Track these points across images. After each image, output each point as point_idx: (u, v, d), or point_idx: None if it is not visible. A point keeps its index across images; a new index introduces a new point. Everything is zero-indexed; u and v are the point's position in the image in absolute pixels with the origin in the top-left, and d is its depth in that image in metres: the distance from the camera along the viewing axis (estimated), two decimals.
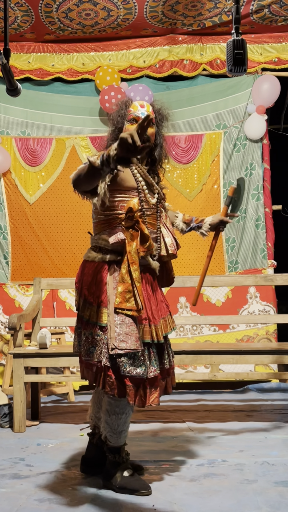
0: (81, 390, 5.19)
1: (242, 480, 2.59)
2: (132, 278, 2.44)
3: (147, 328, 2.48)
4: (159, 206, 2.68)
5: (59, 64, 5.77)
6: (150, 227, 2.59)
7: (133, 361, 2.40)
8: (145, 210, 2.57)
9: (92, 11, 5.25)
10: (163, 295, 2.72)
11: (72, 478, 2.68)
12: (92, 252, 2.60)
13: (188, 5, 5.20)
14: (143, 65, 5.76)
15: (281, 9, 5.26)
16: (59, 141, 5.82)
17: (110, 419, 2.52)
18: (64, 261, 5.68)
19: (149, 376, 2.42)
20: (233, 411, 4.23)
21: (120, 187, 2.54)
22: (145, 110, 2.69)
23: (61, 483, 2.61)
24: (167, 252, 2.64)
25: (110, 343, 2.39)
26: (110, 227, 2.56)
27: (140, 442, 3.33)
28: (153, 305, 2.56)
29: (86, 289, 2.53)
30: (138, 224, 2.49)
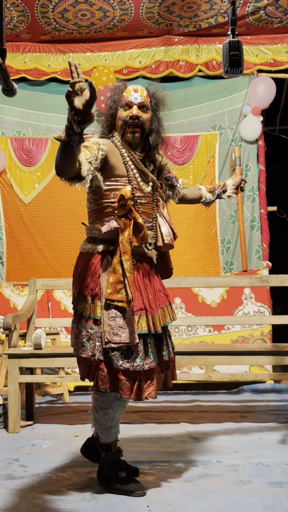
0: (75, 391, 5.18)
1: (236, 481, 2.59)
2: (123, 268, 2.37)
3: (143, 319, 2.42)
4: (155, 194, 2.60)
5: (54, 64, 5.77)
6: (145, 216, 2.52)
7: (126, 354, 2.36)
8: (138, 199, 2.50)
9: (88, 11, 5.25)
10: (162, 284, 2.63)
11: (66, 479, 2.68)
12: (86, 243, 2.55)
13: (184, 7, 5.21)
14: (139, 66, 5.76)
15: (276, 11, 5.27)
16: (54, 141, 5.80)
17: (98, 415, 2.50)
18: (59, 261, 5.68)
19: (144, 368, 2.36)
20: (228, 412, 4.24)
21: (111, 175, 2.47)
22: (138, 94, 2.57)
23: (56, 484, 2.61)
24: (163, 242, 2.56)
25: (104, 337, 2.35)
26: (103, 216, 2.50)
27: (134, 443, 3.33)
28: (150, 294, 2.50)
29: (80, 282, 2.48)
30: (131, 213, 2.42)
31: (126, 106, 2.55)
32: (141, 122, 2.54)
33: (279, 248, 6.07)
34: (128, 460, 2.91)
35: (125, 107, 2.56)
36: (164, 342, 2.53)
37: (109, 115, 2.62)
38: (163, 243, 2.56)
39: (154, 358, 2.43)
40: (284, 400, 4.70)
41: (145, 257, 2.54)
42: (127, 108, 2.55)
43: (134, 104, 2.54)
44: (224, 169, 5.71)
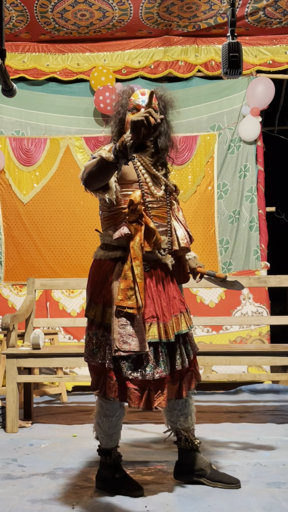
0: (74, 391, 5.18)
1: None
2: (134, 274, 2.33)
3: (154, 327, 2.36)
4: (169, 198, 2.55)
5: (54, 64, 5.77)
6: (158, 220, 2.46)
7: (136, 363, 2.31)
8: (149, 203, 2.45)
9: (88, 11, 5.25)
10: (178, 291, 2.54)
11: (64, 479, 2.68)
12: (99, 250, 2.54)
13: (183, 7, 5.21)
14: (138, 66, 5.76)
15: (276, 11, 5.28)
16: (53, 141, 5.81)
17: (101, 421, 2.50)
18: (58, 261, 5.68)
19: (154, 377, 2.31)
20: (226, 412, 4.24)
21: (122, 181, 2.44)
22: (146, 97, 2.52)
23: (54, 484, 2.61)
24: (179, 245, 2.49)
25: (113, 345, 2.31)
26: (115, 222, 2.45)
27: (132, 443, 3.33)
28: (164, 301, 2.43)
29: (92, 288, 2.46)
30: (142, 218, 2.38)
31: (134, 110, 2.52)
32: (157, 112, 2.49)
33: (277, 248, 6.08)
34: (126, 461, 2.92)
35: (133, 111, 2.52)
36: (177, 351, 2.44)
37: (118, 120, 2.58)
38: (179, 246, 2.50)
39: (166, 367, 2.36)
40: (282, 400, 4.71)
41: (159, 263, 2.48)
42: (135, 111, 2.51)
43: (142, 107, 2.49)
44: (222, 170, 5.72)
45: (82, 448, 3.22)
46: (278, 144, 6.76)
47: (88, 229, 5.69)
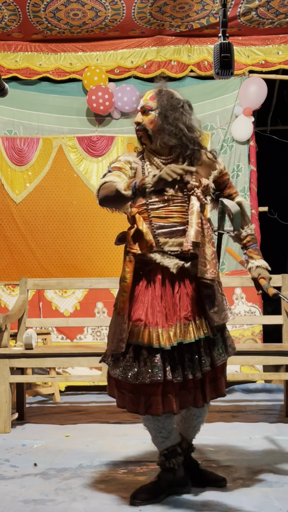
0: (66, 391, 5.17)
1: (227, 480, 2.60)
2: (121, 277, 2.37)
3: (139, 330, 2.29)
4: (187, 196, 2.39)
5: (46, 63, 5.76)
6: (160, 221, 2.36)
7: (115, 362, 2.36)
8: (150, 204, 2.37)
9: (80, 11, 5.25)
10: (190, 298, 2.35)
11: (56, 479, 2.68)
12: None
13: (176, 7, 5.21)
14: (131, 66, 5.76)
15: (268, 12, 5.29)
16: (46, 140, 5.80)
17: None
18: (51, 261, 5.67)
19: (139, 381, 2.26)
20: (219, 412, 4.25)
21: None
22: (142, 99, 2.51)
23: (46, 484, 2.60)
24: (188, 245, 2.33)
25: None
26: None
27: (126, 442, 3.33)
28: (163, 307, 2.32)
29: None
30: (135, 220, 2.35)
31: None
32: (141, 127, 2.49)
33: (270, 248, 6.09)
34: (119, 460, 2.92)
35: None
36: (187, 359, 2.31)
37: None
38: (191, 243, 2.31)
39: (163, 374, 2.25)
40: (274, 399, 4.72)
41: (162, 267, 2.36)
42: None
43: (138, 110, 2.51)
44: None
45: (75, 448, 3.22)
46: (271, 144, 6.77)
47: (81, 229, 5.69)
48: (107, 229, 5.68)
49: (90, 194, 5.72)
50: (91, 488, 2.54)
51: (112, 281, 4.41)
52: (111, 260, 5.66)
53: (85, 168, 5.79)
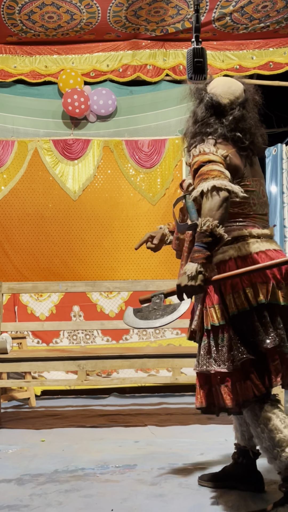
0: (42, 395, 5.13)
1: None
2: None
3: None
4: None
5: (21, 66, 5.72)
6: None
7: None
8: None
9: (55, 14, 5.23)
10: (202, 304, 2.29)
11: (31, 484, 2.65)
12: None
13: (151, 11, 5.23)
14: (107, 69, 5.76)
15: (242, 17, 5.34)
16: (21, 143, 5.76)
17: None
18: (26, 265, 5.63)
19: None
20: (195, 414, 4.25)
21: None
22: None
23: (21, 490, 2.58)
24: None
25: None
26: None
27: (102, 446, 3.32)
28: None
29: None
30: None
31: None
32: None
33: None
34: (95, 464, 2.91)
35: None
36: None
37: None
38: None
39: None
40: None
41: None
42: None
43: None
44: None
45: (50, 453, 3.19)
46: None
47: (57, 232, 5.66)
48: (83, 233, 5.67)
49: (66, 197, 5.70)
50: (67, 493, 2.52)
51: (88, 285, 4.40)
52: (87, 264, 5.65)
53: (60, 171, 5.77)
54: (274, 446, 2.09)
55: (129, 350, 4.13)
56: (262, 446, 2.15)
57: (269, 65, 5.75)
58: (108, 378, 4.94)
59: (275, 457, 2.10)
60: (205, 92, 2.39)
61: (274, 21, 5.41)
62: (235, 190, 2.08)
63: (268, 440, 2.11)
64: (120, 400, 4.91)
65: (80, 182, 5.77)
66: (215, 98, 2.33)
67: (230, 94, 2.33)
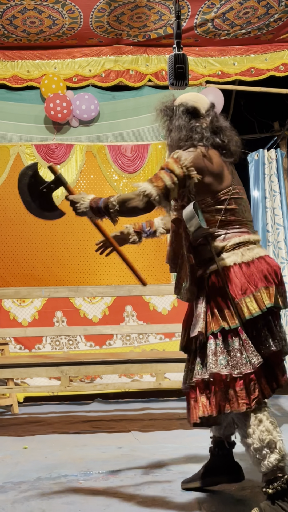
0: (25, 402, 5.09)
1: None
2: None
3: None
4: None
5: (3, 70, 5.70)
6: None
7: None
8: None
9: (37, 19, 5.22)
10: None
11: (14, 492, 2.63)
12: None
13: (133, 17, 5.25)
14: (89, 74, 5.76)
15: (224, 23, 5.38)
16: (3, 148, 5.73)
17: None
18: (8, 270, 5.58)
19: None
20: (178, 419, 4.26)
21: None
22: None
23: (3, 497, 2.55)
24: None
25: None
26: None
27: (85, 452, 3.30)
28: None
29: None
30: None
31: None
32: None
33: None
34: (78, 471, 2.89)
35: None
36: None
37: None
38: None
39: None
40: None
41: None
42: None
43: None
44: None
45: (33, 460, 3.17)
46: None
47: (39, 237, 5.63)
48: (66, 238, 5.65)
49: None
50: (49, 501, 2.50)
51: (71, 290, 4.38)
52: (70, 269, 5.63)
53: (43, 176, 5.72)
54: (263, 447, 2.14)
55: (112, 356, 4.12)
56: (251, 447, 2.17)
57: (251, 71, 5.80)
58: (92, 384, 4.92)
59: (263, 458, 2.14)
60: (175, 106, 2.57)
61: (256, 27, 5.46)
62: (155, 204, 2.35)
63: (259, 441, 2.15)
64: (103, 406, 4.90)
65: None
66: (190, 104, 2.51)
67: (201, 102, 2.53)
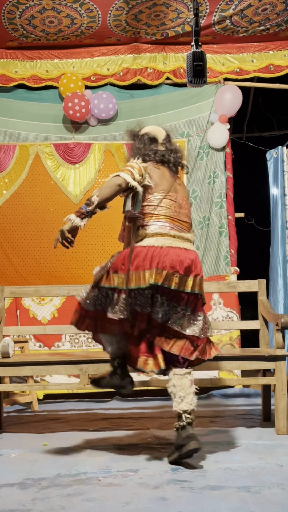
0: (45, 399, 5.13)
1: (204, 486, 2.60)
2: None
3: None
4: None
5: (22, 70, 5.74)
6: None
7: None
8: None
9: (56, 18, 5.25)
10: None
11: (34, 489, 2.65)
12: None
13: (151, 15, 5.25)
14: (107, 73, 5.78)
15: (242, 20, 5.36)
16: (22, 147, 5.78)
17: None
18: (28, 268, 5.63)
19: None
20: (197, 417, 4.23)
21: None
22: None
23: (23, 494, 2.58)
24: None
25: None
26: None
27: (104, 450, 3.32)
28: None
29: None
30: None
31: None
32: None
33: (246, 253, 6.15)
34: (97, 468, 2.91)
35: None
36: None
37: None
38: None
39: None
40: (252, 404, 4.75)
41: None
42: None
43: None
44: (192, 176, 5.76)
45: (53, 457, 3.19)
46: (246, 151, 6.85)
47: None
48: (85, 237, 5.67)
49: (68, 201, 5.71)
50: (69, 498, 2.52)
51: None
52: (89, 268, 5.63)
53: (62, 175, 5.78)
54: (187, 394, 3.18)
55: None
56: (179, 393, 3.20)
57: (269, 68, 5.76)
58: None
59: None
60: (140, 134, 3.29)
61: (274, 23, 5.42)
62: (128, 181, 2.94)
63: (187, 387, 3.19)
64: (122, 403, 4.91)
65: (82, 186, 5.78)
66: (152, 134, 3.29)
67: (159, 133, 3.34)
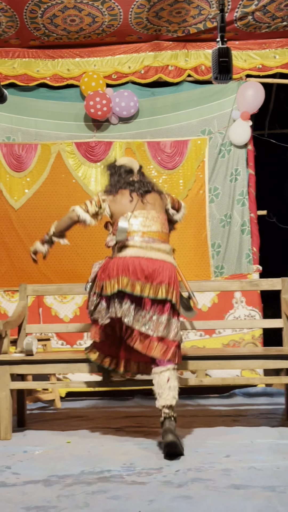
0: (67, 397, 5.16)
1: (229, 485, 2.59)
2: None
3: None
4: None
5: (44, 69, 5.77)
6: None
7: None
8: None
9: (77, 17, 5.26)
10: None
11: (59, 486, 2.66)
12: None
13: (172, 12, 5.23)
14: (128, 71, 5.78)
15: (264, 16, 5.31)
16: (44, 146, 5.81)
17: None
18: (50, 267, 5.66)
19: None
20: (220, 416, 4.24)
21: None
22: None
23: (48, 491, 2.59)
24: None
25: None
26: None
27: (128, 447, 3.32)
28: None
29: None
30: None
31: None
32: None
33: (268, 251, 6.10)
34: (121, 466, 2.91)
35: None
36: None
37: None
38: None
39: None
40: (275, 403, 4.71)
41: None
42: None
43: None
44: (213, 174, 5.74)
45: (76, 454, 3.21)
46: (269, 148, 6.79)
47: (80, 234, 5.67)
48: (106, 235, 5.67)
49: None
50: (94, 495, 2.52)
51: None
52: None
53: (83, 173, 5.80)
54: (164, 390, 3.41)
55: None
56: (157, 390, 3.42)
57: None
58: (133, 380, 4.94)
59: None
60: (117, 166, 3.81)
61: None
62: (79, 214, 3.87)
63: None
64: (144, 401, 4.92)
65: (103, 184, 5.78)
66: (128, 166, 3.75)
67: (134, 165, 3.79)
